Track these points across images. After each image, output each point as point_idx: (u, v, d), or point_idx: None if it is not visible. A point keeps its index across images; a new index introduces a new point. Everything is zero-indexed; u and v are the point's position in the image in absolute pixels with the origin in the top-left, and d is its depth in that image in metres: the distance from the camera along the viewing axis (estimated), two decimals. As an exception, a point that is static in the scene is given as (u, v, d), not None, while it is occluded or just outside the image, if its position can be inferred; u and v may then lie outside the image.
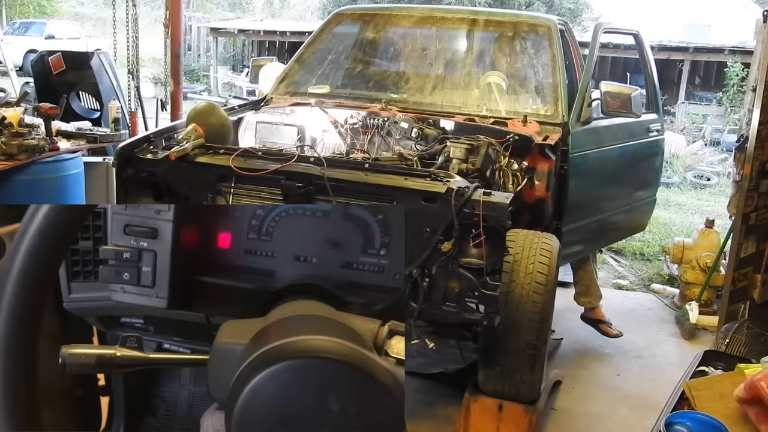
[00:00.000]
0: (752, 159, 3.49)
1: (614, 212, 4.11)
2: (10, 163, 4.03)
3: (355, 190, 2.76)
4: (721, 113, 14.63)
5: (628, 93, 3.58)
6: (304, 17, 28.87)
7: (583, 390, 3.78)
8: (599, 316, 4.30)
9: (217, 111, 3.32)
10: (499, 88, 3.74)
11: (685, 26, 22.65)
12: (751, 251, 3.68)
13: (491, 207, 2.56)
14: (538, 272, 2.76)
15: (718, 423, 2.21)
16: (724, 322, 3.64)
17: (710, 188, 10.31)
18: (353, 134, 3.52)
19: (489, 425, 3.01)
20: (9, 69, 8.47)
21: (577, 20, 20.54)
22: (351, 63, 4.24)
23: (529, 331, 2.76)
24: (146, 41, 7.14)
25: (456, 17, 4.28)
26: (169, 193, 3.04)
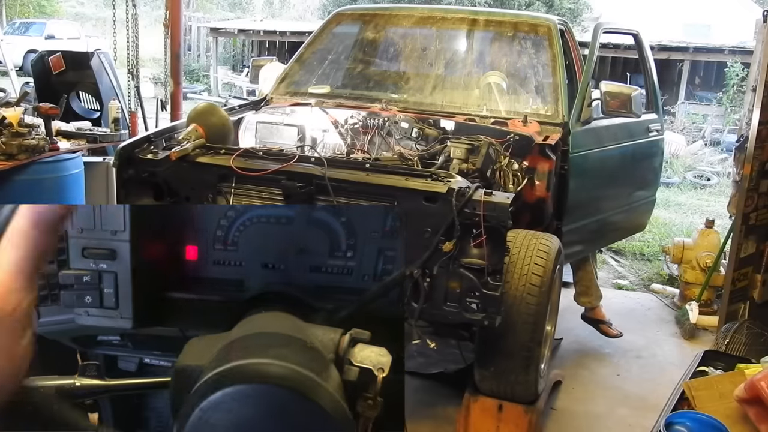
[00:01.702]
0: (752, 159, 3.49)
1: (614, 212, 4.11)
2: (10, 163, 4.04)
3: (355, 191, 2.76)
4: (721, 113, 14.64)
5: (628, 93, 3.59)
6: (304, 17, 28.87)
7: (583, 390, 3.78)
8: (599, 316, 4.31)
9: (217, 111, 3.33)
10: (499, 88, 3.74)
11: (685, 26, 22.65)
12: (751, 251, 3.68)
13: (492, 207, 2.56)
14: (533, 273, 2.77)
15: (718, 423, 2.21)
16: (724, 322, 3.63)
17: (710, 188, 10.31)
18: (353, 134, 3.52)
19: (489, 425, 3.02)
20: (9, 69, 8.46)
21: (577, 20, 20.53)
22: (351, 63, 4.24)
23: (523, 332, 2.77)
24: (146, 41, 7.13)
25: (456, 17, 4.28)
26: (170, 193, 3.04)
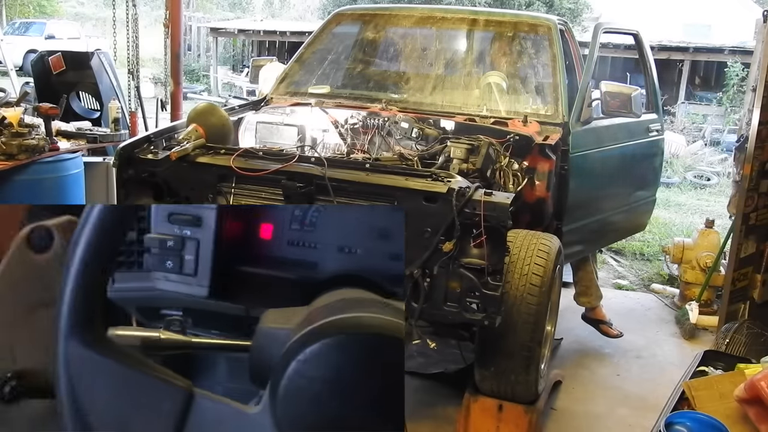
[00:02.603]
0: (752, 159, 3.49)
1: (614, 212, 4.11)
2: (10, 163, 4.03)
3: (356, 191, 2.76)
4: (721, 113, 14.64)
5: (628, 93, 3.59)
6: (304, 17, 28.86)
7: (583, 390, 3.78)
8: (600, 316, 4.31)
9: (217, 111, 3.33)
10: (499, 88, 3.74)
11: (685, 26, 22.65)
12: (751, 251, 3.68)
13: (492, 207, 2.56)
14: (534, 273, 2.77)
15: (718, 423, 2.21)
16: (724, 322, 3.63)
17: (710, 188, 10.31)
18: (354, 134, 3.52)
19: (489, 425, 3.02)
20: (9, 69, 8.46)
21: (577, 20, 20.52)
22: (351, 63, 4.24)
23: (523, 332, 2.77)
24: (146, 41, 7.12)
25: (456, 17, 4.28)
26: (170, 193, 3.04)
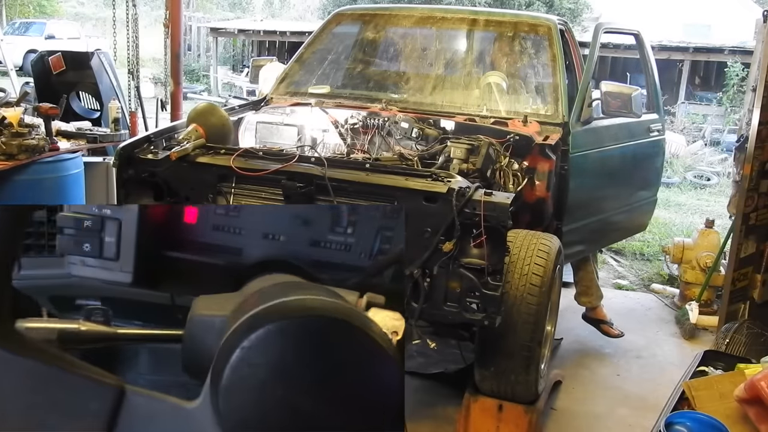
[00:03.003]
0: (752, 159, 3.49)
1: (615, 212, 4.11)
2: (10, 163, 4.03)
3: (356, 191, 2.76)
4: (721, 113, 14.64)
5: (629, 93, 3.59)
6: (304, 17, 28.86)
7: (583, 390, 3.78)
8: (600, 316, 4.31)
9: (217, 111, 3.33)
10: (499, 88, 3.74)
11: (685, 26, 22.64)
12: (751, 251, 3.68)
13: (492, 207, 2.56)
14: (534, 273, 2.77)
15: (718, 423, 2.21)
16: (724, 322, 3.63)
17: (710, 188, 10.31)
18: (353, 134, 3.52)
19: (489, 425, 3.02)
20: (9, 69, 8.46)
21: (577, 20, 20.52)
22: (351, 63, 4.24)
23: (523, 332, 2.77)
24: (146, 41, 7.12)
25: (456, 17, 4.28)
26: (170, 193, 3.04)
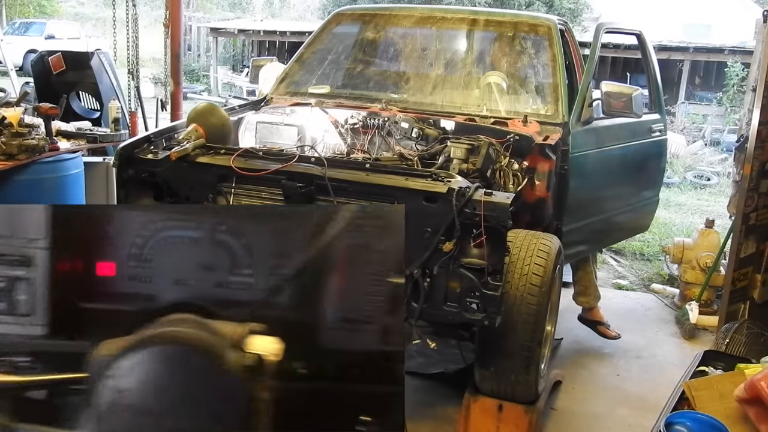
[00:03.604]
0: (752, 159, 3.50)
1: (616, 212, 4.11)
2: (10, 163, 4.03)
3: (356, 190, 2.76)
4: (721, 113, 14.64)
5: (629, 93, 3.58)
6: (304, 17, 28.86)
7: (583, 390, 3.78)
8: (597, 317, 4.30)
9: (217, 111, 3.33)
10: (499, 88, 3.74)
11: (685, 26, 22.65)
12: (751, 251, 3.68)
13: (492, 207, 2.56)
14: (534, 273, 2.77)
15: (718, 423, 2.21)
16: (724, 322, 3.64)
17: (710, 188, 10.31)
18: (354, 134, 3.52)
19: (489, 425, 3.02)
20: (9, 69, 8.46)
21: (577, 20, 20.53)
22: (351, 63, 4.24)
23: (523, 332, 2.77)
24: (146, 41, 7.13)
25: (456, 17, 4.28)
26: (170, 193, 3.04)
